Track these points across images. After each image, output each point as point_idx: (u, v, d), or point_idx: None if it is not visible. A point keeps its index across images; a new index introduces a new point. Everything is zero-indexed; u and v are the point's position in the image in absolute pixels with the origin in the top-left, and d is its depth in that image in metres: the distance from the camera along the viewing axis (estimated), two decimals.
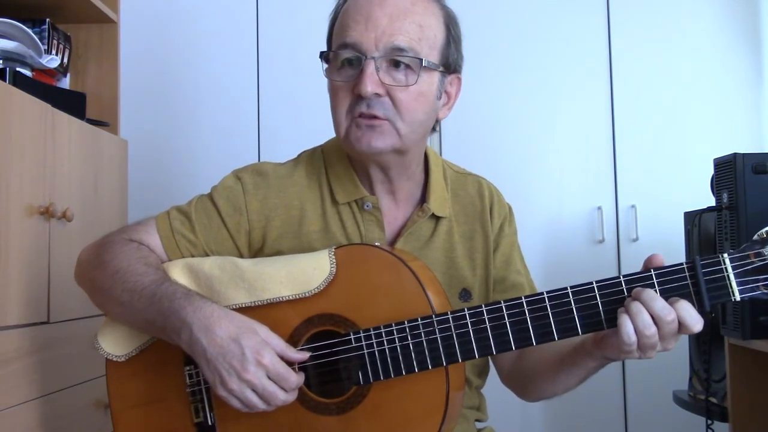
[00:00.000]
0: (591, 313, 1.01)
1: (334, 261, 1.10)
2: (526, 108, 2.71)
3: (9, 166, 1.52)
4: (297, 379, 1.05)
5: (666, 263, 1.01)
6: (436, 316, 1.04)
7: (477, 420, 1.32)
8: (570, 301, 1.01)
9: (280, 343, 1.06)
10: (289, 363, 1.06)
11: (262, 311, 1.10)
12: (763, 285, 0.97)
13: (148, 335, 1.16)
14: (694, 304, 0.97)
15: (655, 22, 2.71)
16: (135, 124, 2.60)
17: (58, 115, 1.74)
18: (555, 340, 1.02)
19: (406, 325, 1.05)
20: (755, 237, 0.98)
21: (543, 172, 2.70)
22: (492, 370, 1.33)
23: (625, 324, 0.96)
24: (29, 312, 1.59)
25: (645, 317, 0.96)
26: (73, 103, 1.92)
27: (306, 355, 1.07)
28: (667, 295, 0.98)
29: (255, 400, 1.03)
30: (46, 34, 2.01)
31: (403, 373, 1.05)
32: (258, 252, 1.23)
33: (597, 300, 1.00)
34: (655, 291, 0.97)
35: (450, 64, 1.21)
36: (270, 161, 1.30)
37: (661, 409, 2.52)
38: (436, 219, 1.26)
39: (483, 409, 1.34)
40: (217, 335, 1.03)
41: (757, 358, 1.80)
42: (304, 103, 2.71)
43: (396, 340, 1.05)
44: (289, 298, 1.10)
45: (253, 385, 1.02)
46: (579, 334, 1.02)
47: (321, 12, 3.03)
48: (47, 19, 2.02)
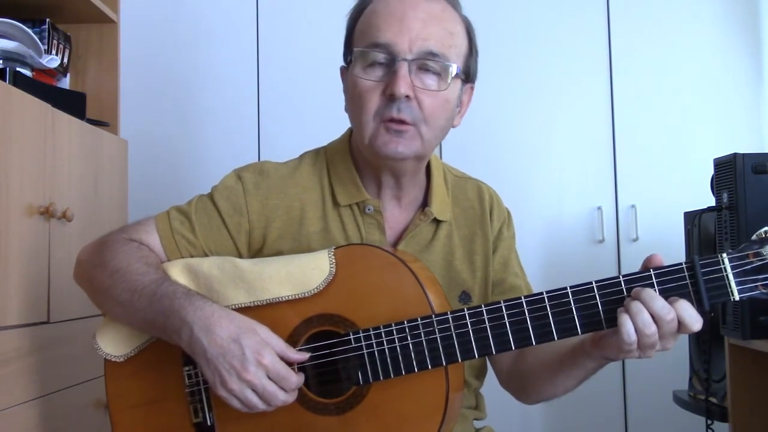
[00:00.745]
0: (591, 313, 1.01)
1: (333, 261, 1.10)
2: (526, 108, 2.71)
3: (9, 166, 1.52)
4: (297, 379, 1.05)
5: (665, 263, 1.01)
6: (436, 316, 1.04)
7: (476, 419, 1.32)
8: (570, 301, 1.01)
9: (280, 343, 1.06)
10: (289, 363, 1.06)
11: (261, 311, 1.10)
12: (762, 285, 0.97)
13: (147, 335, 1.16)
14: (693, 304, 0.98)
15: (655, 22, 2.71)
16: (135, 124, 2.60)
17: (58, 115, 1.74)
18: (555, 339, 1.02)
19: (406, 325, 1.05)
20: (754, 237, 0.98)
21: (543, 172, 2.70)
22: (490, 372, 1.33)
23: (626, 323, 0.97)
24: (29, 312, 1.59)
25: (645, 316, 0.96)
26: (73, 103, 1.92)
27: (306, 355, 1.07)
28: (666, 294, 0.98)
29: (255, 400, 1.03)
30: (46, 34, 2.01)
31: (403, 373, 1.05)
32: (258, 252, 1.23)
33: (597, 300, 1.00)
34: (655, 291, 0.98)
35: (470, 74, 1.22)
36: (272, 160, 1.29)
37: (661, 409, 2.52)
38: (437, 223, 1.27)
39: (481, 408, 1.34)
40: (218, 335, 1.03)
41: (757, 358, 1.80)
42: (304, 103, 2.71)
43: (396, 340, 1.05)
44: (289, 298, 1.10)
45: (253, 385, 1.02)
46: (579, 334, 1.02)
47: (321, 12, 3.04)
48: (47, 19, 2.02)
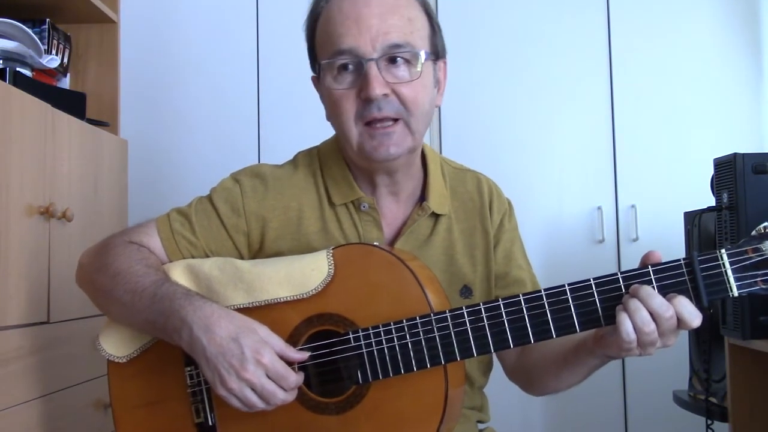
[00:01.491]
0: (589, 311, 1.01)
1: (332, 261, 1.10)
2: (526, 108, 2.71)
3: (9, 166, 1.52)
4: (296, 378, 1.05)
5: (664, 261, 1.00)
6: (435, 315, 1.04)
7: (479, 421, 1.32)
8: (568, 298, 1.01)
9: (279, 342, 1.06)
10: (289, 363, 1.06)
11: (261, 311, 1.10)
12: (762, 280, 0.96)
13: (149, 336, 1.16)
14: (692, 300, 0.97)
15: (655, 22, 2.71)
16: (135, 124, 2.60)
17: (58, 115, 1.75)
18: (553, 337, 1.02)
19: (405, 324, 1.05)
20: (753, 232, 0.98)
21: (543, 172, 2.70)
22: (495, 368, 1.33)
23: (624, 322, 0.96)
24: (29, 312, 1.59)
25: (643, 314, 0.96)
26: (73, 103, 1.92)
27: (305, 355, 1.07)
28: (664, 291, 0.97)
29: (254, 399, 1.03)
30: (46, 34, 2.01)
31: (402, 372, 1.05)
32: (257, 253, 1.24)
33: (595, 297, 1.00)
34: (653, 288, 0.97)
35: (438, 51, 1.22)
36: (267, 163, 1.30)
37: (661, 409, 2.52)
38: (436, 217, 1.26)
39: (485, 410, 1.34)
40: (217, 334, 1.03)
41: (757, 358, 1.80)
42: (304, 103, 2.69)
43: (395, 339, 1.05)
44: (288, 299, 1.10)
45: (252, 384, 1.02)
46: (577, 332, 1.01)
47: None
48: (47, 19, 2.02)
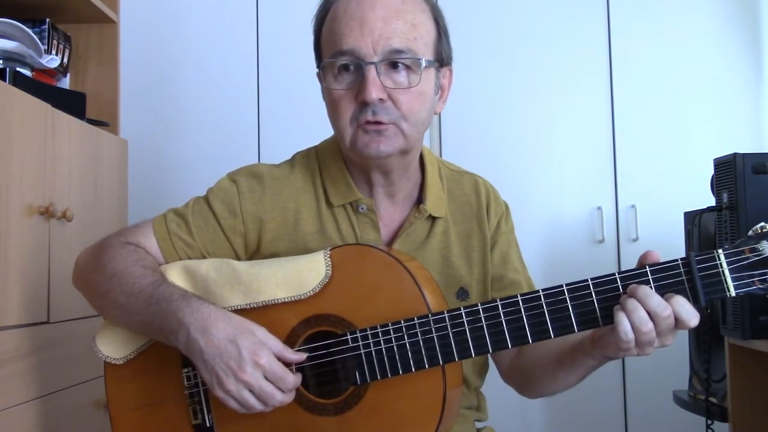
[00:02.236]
0: (586, 311, 1.01)
1: (329, 262, 1.10)
2: (526, 108, 2.71)
3: (9, 166, 1.52)
4: (294, 379, 1.05)
5: (658, 258, 1.00)
6: (433, 315, 1.04)
7: (477, 420, 1.32)
8: (566, 298, 1.01)
9: (277, 343, 1.06)
10: (287, 364, 1.06)
11: (258, 313, 1.10)
12: (759, 280, 0.96)
13: (146, 338, 1.16)
14: (689, 300, 0.97)
15: (655, 22, 2.71)
16: (135, 124, 2.60)
17: (58, 115, 1.74)
18: (551, 337, 1.02)
19: (403, 324, 1.05)
20: (750, 232, 0.98)
21: (543, 172, 2.70)
22: (492, 369, 1.33)
23: (622, 321, 0.96)
24: (29, 312, 1.59)
25: (641, 314, 0.96)
26: (73, 103, 1.92)
27: (303, 356, 1.07)
28: (662, 291, 0.98)
29: (252, 400, 1.03)
30: (46, 34, 2.01)
31: (400, 372, 1.05)
32: (254, 254, 1.23)
33: (592, 297, 1.00)
34: (651, 287, 0.97)
35: (443, 58, 1.21)
36: (265, 163, 1.29)
37: (661, 409, 2.52)
38: (433, 219, 1.26)
39: (483, 409, 1.34)
40: (215, 336, 1.03)
41: (757, 358, 1.80)
42: (304, 103, 2.70)
43: (393, 339, 1.05)
44: (285, 300, 1.10)
45: (250, 385, 1.02)
46: (575, 331, 1.01)
47: None
48: (47, 19, 2.02)
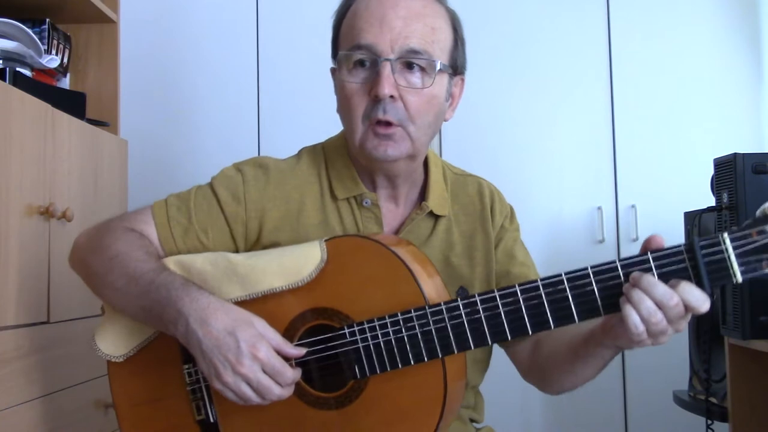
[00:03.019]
0: (587, 300, 0.98)
1: (325, 250, 1.09)
2: (526, 108, 2.71)
3: (9, 166, 1.52)
4: (293, 374, 1.05)
5: (661, 243, 0.98)
6: (430, 307, 1.04)
7: (472, 419, 1.32)
8: (565, 288, 0.99)
9: (276, 337, 1.05)
10: (286, 358, 1.05)
11: (256, 306, 1.09)
12: (767, 263, 0.91)
13: (146, 334, 1.16)
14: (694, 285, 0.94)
15: (655, 22, 2.71)
16: (135, 124, 2.60)
17: (58, 115, 1.74)
18: (551, 328, 1.00)
19: (400, 317, 1.04)
20: (757, 214, 0.93)
21: (543, 172, 2.70)
22: (490, 372, 1.33)
23: (630, 315, 0.94)
24: (29, 312, 1.59)
25: (648, 304, 0.93)
26: (73, 103, 1.92)
27: (302, 350, 1.07)
28: (665, 278, 0.94)
29: (250, 393, 1.03)
30: (46, 34, 2.01)
31: (399, 366, 1.05)
32: (255, 243, 1.23)
33: (593, 286, 0.98)
34: (653, 275, 0.95)
35: (457, 66, 1.22)
36: (271, 156, 1.29)
37: (661, 409, 2.53)
38: (435, 218, 1.27)
39: (479, 409, 1.33)
40: (213, 327, 1.03)
41: (757, 358, 1.80)
42: (304, 103, 2.71)
43: (390, 333, 1.04)
44: (283, 288, 1.09)
45: (247, 378, 1.02)
46: (576, 322, 1.00)
47: (321, 12, 3.03)
48: (47, 19, 2.02)
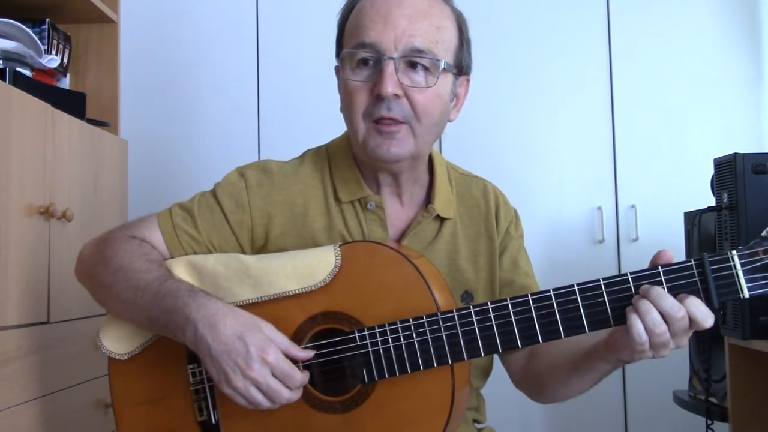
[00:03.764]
0: (598, 311, 1.00)
1: (339, 255, 1.10)
2: (526, 108, 2.71)
3: (9, 166, 1.52)
4: (302, 377, 1.05)
5: (674, 260, 1.00)
6: (441, 314, 1.04)
7: (475, 421, 1.32)
8: (577, 298, 1.00)
9: (284, 340, 1.05)
10: (294, 361, 1.05)
11: (266, 308, 1.10)
12: None
13: (150, 333, 1.16)
14: (702, 301, 0.97)
15: (655, 22, 2.71)
16: (135, 124, 2.60)
17: (58, 115, 1.74)
18: (562, 337, 1.01)
19: (411, 323, 1.04)
20: (763, 233, 0.97)
21: (543, 172, 2.70)
22: (495, 371, 1.33)
23: (635, 324, 0.96)
24: (29, 312, 1.59)
25: (654, 315, 0.95)
26: (73, 103, 1.92)
27: (310, 353, 1.07)
28: (675, 292, 0.97)
29: (260, 398, 1.03)
30: (46, 34, 2.01)
31: (408, 371, 1.05)
32: (261, 249, 1.23)
33: (604, 297, 1.00)
34: (663, 288, 0.97)
35: (462, 67, 1.22)
36: (274, 159, 1.29)
37: (661, 409, 2.52)
38: (441, 220, 1.26)
39: (481, 410, 1.34)
40: (222, 333, 1.03)
41: (757, 358, 1.80)
42: (304, 103, 2.71)
43: (401, 338, 1.05)
44: (296, 292, 1.10)
45: (257, 382, 1.02)
46: (586, 332, 1.01)
47: (321, 12, 3.03)
48: (47, 19, 2.02)
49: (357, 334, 1.07)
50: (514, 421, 2.61)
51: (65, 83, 2.13)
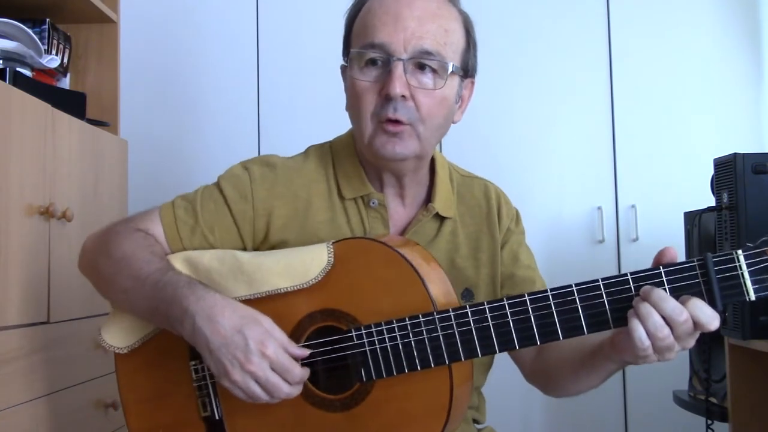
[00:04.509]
0: (597, 312, 0.97)
1: (332, 252, 1.10)
2: (526, 108, 2.71)
3: (9, 166, 1.52)
4: (301, 372, 1.04)
5: (678, 259, 0.97)
6: (438, 313, 1.03)
7: (475, 420, 1.32)
8: (575, 299, 0.98)
9: (282, 336, 1.05)
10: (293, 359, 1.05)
11: (263, 305, 1.09)
12: None
13: (150, 327, 1.16)
14: (705, 303, 0.93)
15: (656, 22, 2.71)
16: (135, 124, 2.60)
17: (58, 115, 1.74)
18: (560, 339, 1.00)
19: (408, 322, 1.04)
20: None
21: (543, 172, 2.70)
22: (494, 368, 1.33)
23: (636, 328, 0.93)
24: (29, 312, 1.59)
25: (656, 319, 0.92)
26: (73, 103, 1.92)
27: (306, 351, 1.07)
28: (677, 293, 0.94)
29: (258, 392, 1.03)
30: (46, 34, 2.01)
31: (406, 371, 1.04)
32: (262, 241, 1.23)
33: (603, 298, 0.97)
34: (665, 289, 0.94)
35: (468, 69, 1.22)
36: (277, 155, 1.29)
37: (661, 409, 2.52)
38: (441, 219, 1.27)
39: (482, 410, 1.34)
40: (221, 325, 1.02)
41: (757, 358, 1.80)
42: (304, 103, 2.71)
43: (397, 337, 1.04)
44: (288, 289, 1.10)
45: (256, 376, 1.02)
46: (585, 333, 0.99)
47: (321, 12, 3.03)
48: (47, 19, 2.02)
49: (354, 333, 1.07)
50: (514, 421, 2.61)
51: (65, 83, 2.13)
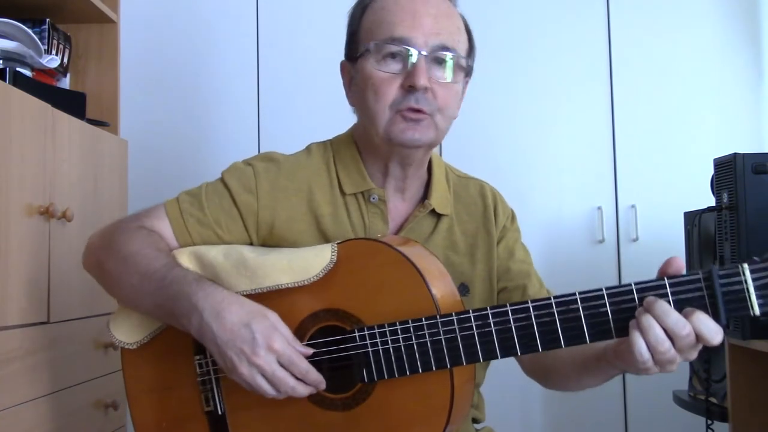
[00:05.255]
0: (600, 321, 0.96)
1: (336, 252, 1.10)
2: (526, 108, 2.71)
3: (9, 166, 1.52)
4: (307, 366, 1.04)
5: (683, 270, 0.95)
6: (441, 317, 1.03)
7: (474, 420, 1.32)
8: (578, 307, 0.97)
9: (287, 332, 1.06)
10: None
11: (267, 302, 1.09)
12: None
13: (159, 322, 1.16)
14: (709, 316, 0.92)
15: (656, 22, 2.71)
16: (135, 124, 2.60)
17: (58, 115, 1.74)
18: (562, 347, 0.99)
19: (411, 325, 1.04)
20: None
21: (543, 172, 2.70)
22: (492, 372, 1.33)
23: (637, 341, 0.92)
24: (29, 312, 1.59)
25: (657, 332, 0.91)
26: (73, 103, 1.92)
27: (309, 350, 1.07)
28: (680, 306, 0.93)
29: (265, 385, 1.03)
30: (46, 34, 2.01)
31: (407, 373, 1.05)
32: (267, 235, 1.23)
33: (606, 308, 0.96)
34: (668, 301, 0.93)
35: (469, 69, 1.26)
36: (279, 152, 1.30)
37: (661, 409, 2.52)
38: (438, 216, 1.28)
39: (481, 408, 1.34)
40: (228, 320, 1.03)
41: (757, 358, 1.80)
42: (305, 103, 2.71)
43: (400, 339, 1.04)
44: (288, 285, 1.10)
45: (263, 370, 1.02)
46: (587, 342, 0.98)
47: (321, 12, 3.03)
48: (47, 19, 2.02)
49: (357, 334, 1.07)
50: (514, 420, 2.61)
51: (65, 83, 2.13)
